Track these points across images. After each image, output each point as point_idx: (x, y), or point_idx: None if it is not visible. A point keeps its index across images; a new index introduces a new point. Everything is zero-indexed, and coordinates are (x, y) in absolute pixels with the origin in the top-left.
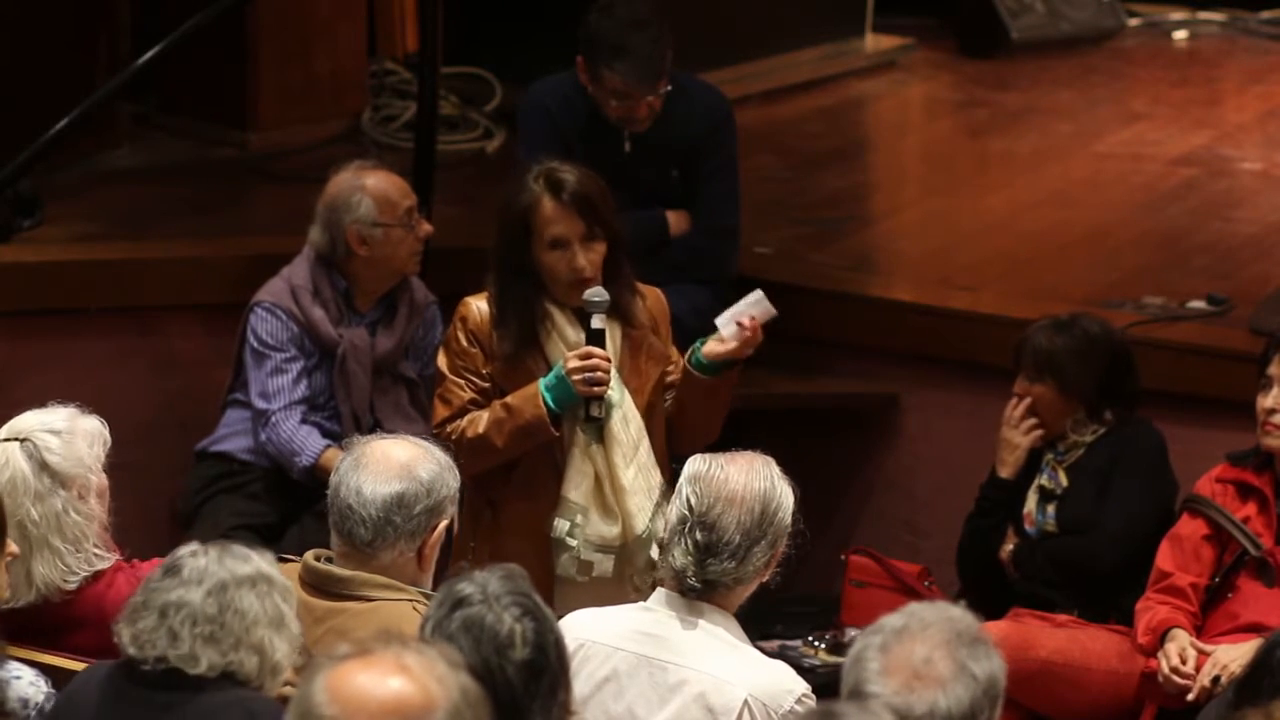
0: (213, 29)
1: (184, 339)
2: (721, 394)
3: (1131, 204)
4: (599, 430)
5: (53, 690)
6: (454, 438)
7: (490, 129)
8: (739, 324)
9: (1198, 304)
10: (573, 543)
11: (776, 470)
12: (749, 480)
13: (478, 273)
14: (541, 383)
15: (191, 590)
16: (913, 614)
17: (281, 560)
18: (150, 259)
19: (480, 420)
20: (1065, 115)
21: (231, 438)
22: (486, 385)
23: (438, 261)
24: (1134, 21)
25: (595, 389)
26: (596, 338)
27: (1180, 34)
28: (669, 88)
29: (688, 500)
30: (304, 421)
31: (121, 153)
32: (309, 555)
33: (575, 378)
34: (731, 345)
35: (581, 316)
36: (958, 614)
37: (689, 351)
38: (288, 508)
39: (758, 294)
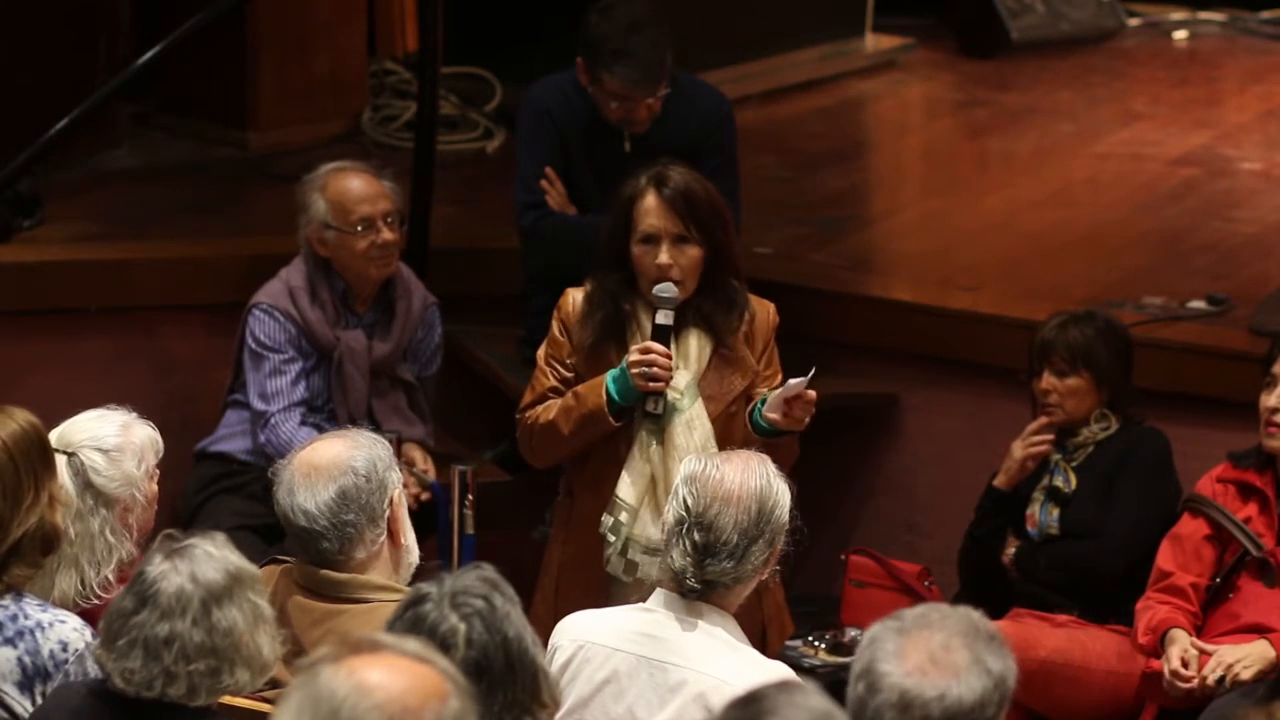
0: (213, 29)
1: (184, 339)
2: (777, 454)
3: (1131, 204)
4: (660, 430)
5: (94, 640)
6: (530, 423)
7: (490, 129)
8: (784, 408)
9: (1198, 304)
10: (612, 539)
11: (773, 468)
12: (745, 479)
13: (478, 273)
14: (609, 374)
15: (177, 622)
16: (933, 607)
17: (277, 561)
18: (150, 259)
19: (553, 407)
20: (1065, 115)
21: (231, 438)
22: (570, 375)
23: (438, 261)
24: (1134, 21)
25: (651, 385)
26: (659, 333)
27: (1180, 34)
28: (668, 90)
29: (684, 501)
30: (303, 423)
31: (121, 153)
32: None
33: (633, 371)
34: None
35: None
36: (977, 614)
37: (751, 406)
38: None
39: (790, 383)
